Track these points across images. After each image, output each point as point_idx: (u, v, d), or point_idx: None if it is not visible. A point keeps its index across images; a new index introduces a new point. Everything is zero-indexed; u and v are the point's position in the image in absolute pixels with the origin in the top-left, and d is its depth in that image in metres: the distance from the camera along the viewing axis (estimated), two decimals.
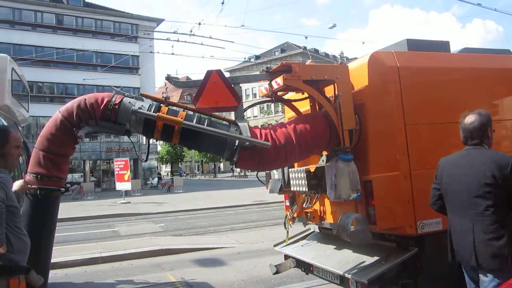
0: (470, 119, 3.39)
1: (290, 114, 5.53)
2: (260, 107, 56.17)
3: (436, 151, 4.46)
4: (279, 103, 5.41)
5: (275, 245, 6.03)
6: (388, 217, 4.18)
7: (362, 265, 4.35)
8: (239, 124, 4.10)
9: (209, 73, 4.01)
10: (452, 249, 3.34)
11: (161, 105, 4.12)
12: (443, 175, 3.47)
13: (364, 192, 4.23)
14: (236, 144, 4.03)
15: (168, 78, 4.21)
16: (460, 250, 3.25)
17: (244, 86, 5.78)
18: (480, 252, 3.06)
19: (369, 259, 4.39)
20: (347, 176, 4.11)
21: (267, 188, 5.93)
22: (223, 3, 13.64)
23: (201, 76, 4.05)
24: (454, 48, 5.32)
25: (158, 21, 44.31)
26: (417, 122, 4.37)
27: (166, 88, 4.33)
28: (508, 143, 4.93)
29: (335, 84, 4.28)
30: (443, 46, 5.07)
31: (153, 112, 3.94)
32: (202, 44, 13.44)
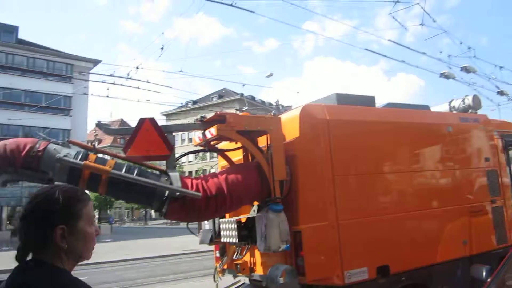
0: None
1: (223, 163, 5.54)
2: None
3: (362, 201, 4.67)
4: None
5: None
6: (316, 268, 4.23)
7: None
8: (170, 173, 4.01)
9: (141, 121, 3.95)
10: None
11: (89, 152, 3.96)
12: None
13: (293, 243, 4.25)
14: (166, 194, 3.93)
15: (99, 125, 4.10)
16: None
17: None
18: None
19: None
20: (277, 227, 4.13)
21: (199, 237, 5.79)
22: (162, 48, 13.68)
23: (136, 120, 3.97)
24: (379, 101, 5.72)
25: (95, 62, 43.28)
26: (345, 173, 4.56)
27: (96, 134, 4.17)
28: (426, 192, 5.25)
29: (268, 135, 4.38)
30: (369, 100, 5.42)
31: (80, 160, 3.77)
32: (138, 88, 13.23)
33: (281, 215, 4.20)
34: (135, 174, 3.84)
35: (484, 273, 3.56)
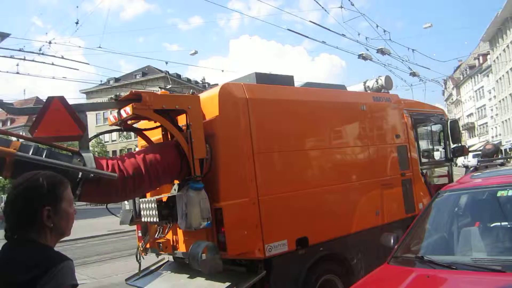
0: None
1: (143, 142, 5.41)
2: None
3: (282, 177, 4.81)
4: None
5: (127, 279, 5.74)
6: (238, 243, 4.32)
7: None
8: (83, 154, 3.84)
9: (49, 100, 3.71)
10: None
11: None
12: None
13: (214, 220, 4.30)
14: (80, 176, 3.76)
15: (1, 104, 3.78)
16: None
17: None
18: None
19: (221, 286, 4.44)
20: (198, 205, 4.14)
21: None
22: (77, 22, 12.74)
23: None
24: (299, 80, 5.86)
25: (3, 35, 39.67)
26: (264, 151, 4.65)
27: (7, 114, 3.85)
28: (342, 167, 5.53)
29: (187, 113, 4.33)
30: (288, 80, 5.53)
31: None
32: (53, 64, 12.33)
33: (202, 193, 4.21)
34: (44, 156, 3.62)
35: (391, 241, 3.79)
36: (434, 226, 4.00)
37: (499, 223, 3.67)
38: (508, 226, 3.58)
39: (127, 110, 4.08)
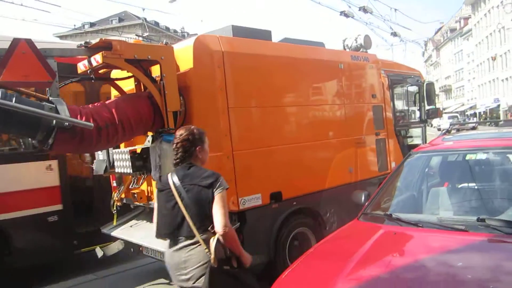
0: None
1: (116, 92, 5.28)
2: None
3: (256, 132, 4.82)
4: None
5: (102, 228, 5.77)
6: None
7: None
8: (55, 102, 3.71)
9: (16, 42, 3.50)
10: None
11: None
12: None
13: None
14: (53, 124, 3.65)
15: None
16: None
17: None
18: None
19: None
20: (171, 157, 4.10)
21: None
22: None
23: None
24: (276, 36, 5.73)
25: None
26: (239, 105, 4.61)
27: None
28: (317, 124, 5.55)
29: (160, 64, 4.21)
30: (266, 34, 5.40)
31: None
32: (22, 5, 11.72)
33: None
34: (13, 102, 3.47)
35: (362, 198, 3.87)
36: (404, 185, 4.08)
37: (466, 185, 3.80)
38: (475, 187, 3.70)
39: (97, 59, 3.91)
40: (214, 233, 2.81)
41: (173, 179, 2.96)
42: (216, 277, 2.78)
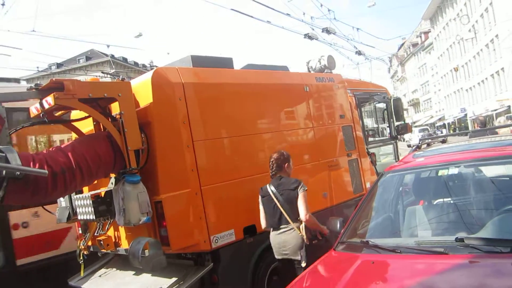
0: None
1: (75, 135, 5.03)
2: None
3: (224, 165, 4.63)
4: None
5: (69, 280, 5.40)
6: (181, 237, 4.11)
7: None
8: (4, 150, 3.45)
9: None
10: None
11: None
12: None
13: (155, 213, 4.07)
14: (3, 174, 3.38)
15: None
16: None
17: None
18: None
19: (167, 282, 4.24)
20: (136, 199, 3.87)
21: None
22: (3, 4, 11.73)
23: None
24: (240, 63, 5.64)
25: None
26: (205, 138, 4.43)
27: None
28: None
29: (118, 102, 4.02)
30: (227, 62, 5.30)
31: None
32: None
33: (139, 186, 3.94)
34: None
35: (337, 225, 3.73)
36: (379, 207, 3.99)
37: (442, 200, 3.74)
38: (451, 202, 3.62)
39: (48, 101, 3.68)
40: (301, 221, 4.30)
41: (271, 188, 4.44)
42: (309, 250, 4.29)
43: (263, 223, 4.54)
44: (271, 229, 4.48)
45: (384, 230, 3.67)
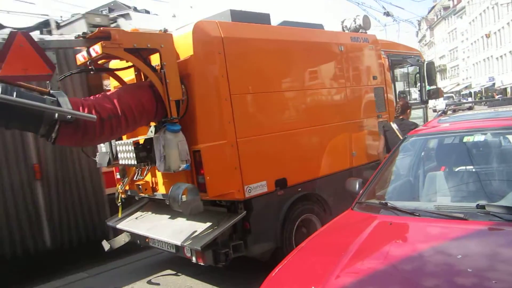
0: None
1: (115, 83, 5.21)
2: None
3: (260, 119, 4.77)
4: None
5: (107, 220, 5.75)
6: (217, 185, 4.32)
7: (196, 232, 4.45)
8: (56, 95, 3.65)
9: (13, 36, 3.43)
10: None
11: None
12: None
13: (193, 162, 4.27)
14: (56, 117, 3.59)
15: None
16: None
17: None
18: None
19: (202, 226, 4.51)
20: (176, 147, 4.07)
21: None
22: None
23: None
24: (275, 19, 5.64)
25: None
26: (241, 92, 4.55)
27: None
28: (320, 109, 5.51)
29: (160, 53, 4.14)
30: (264, 18, 5.32)
31: None
32: None
33: (179, 135, 4.13)
34: (14, 96, 3.40)
35: (356, 186, 3.73)
36: (400, 171, 3.94)
37: (464, 168, 3.64)
38: (473, 170, 3.55)
39: (96, 49, 3.84)
40: None
41: (394, 125, 5.97)
42: None
43: (380, 148, 6.06)
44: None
45: (403, 193, 3.66)
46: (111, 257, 6.05)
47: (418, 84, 7.94)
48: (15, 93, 3.38)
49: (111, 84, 5.49)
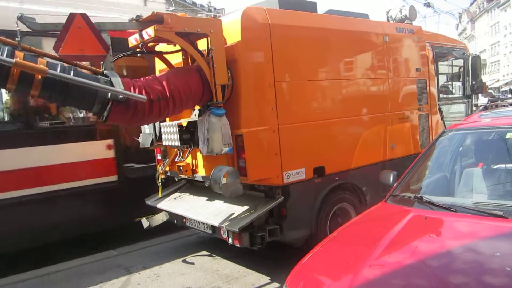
0: None
1: (161, 66, 5.34)
2: None
3: (302, 107, 4.80)
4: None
5: (146, 199, 5.94)
6: (257, 169, 4.40)
7: (233, 215, 4.55)
8: (109, 75, 3.80)
9: (72, 17, 3.58)
10: None
11: (15, 49, 3.55)
12: None
13: (235, 146, 4.36)
14: (108, 97, 3.74)
15: (21, 18, 3.64)
16: None
17: None
18: None
19: (239, 209, 4.61)
20: (219, 131, 4.16)
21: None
22: None
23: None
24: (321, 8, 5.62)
25: None
26: (286, 79, 4.59)
27: (19, 29, 3.67)
28: (361, 99, 5.49)
29: (208, 38, 4.22)
30: (311, 6, 5.32)
31: (6, 57, 3.31)
32: None
33: (223, 119, 4.22)
34: (72, 75, 3.56)
35: (391, 179, 3.70)
36: (436, 165, 3.88)
37: (503, 165, 3.50)
38: None
39: (149, 32, 3.97)
40: None
41: None
42: None
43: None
44: None
45: (438, 188, 3.59)
46: (139, 237, 6.24)
47: (462, 78, 7.75)
48: (72, 72, 3.56)
49: (156, 67, 5.62)
